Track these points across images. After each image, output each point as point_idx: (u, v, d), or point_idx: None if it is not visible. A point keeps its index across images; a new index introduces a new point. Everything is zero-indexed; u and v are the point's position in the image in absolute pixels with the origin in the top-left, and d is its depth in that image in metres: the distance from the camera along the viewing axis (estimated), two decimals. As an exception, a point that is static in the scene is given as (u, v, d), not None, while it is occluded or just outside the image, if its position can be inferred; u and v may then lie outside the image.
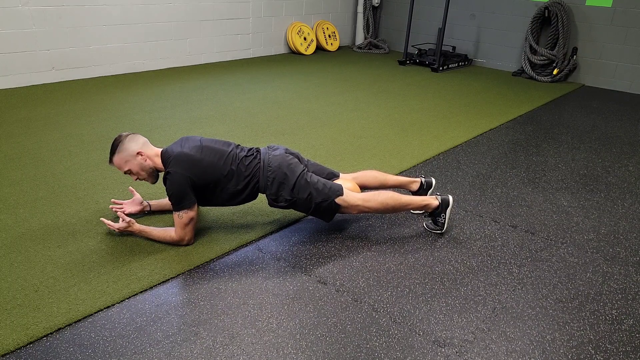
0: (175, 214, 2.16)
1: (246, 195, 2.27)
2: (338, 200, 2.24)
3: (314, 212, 2.29)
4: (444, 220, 2.40)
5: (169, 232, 2.22)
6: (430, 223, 2.48)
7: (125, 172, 2.23)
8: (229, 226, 2.43)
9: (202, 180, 2.17)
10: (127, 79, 5.07)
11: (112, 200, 2.47)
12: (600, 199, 2.95)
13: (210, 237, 2.32)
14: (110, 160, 2.23)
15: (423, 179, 2.65)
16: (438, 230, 2.45)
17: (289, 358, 1.65)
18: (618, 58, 5.75)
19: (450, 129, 4.05)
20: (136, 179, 2.25)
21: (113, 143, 2.21)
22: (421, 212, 2.54)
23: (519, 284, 2.10)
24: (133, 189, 2.47)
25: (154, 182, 2.30)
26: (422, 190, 2.64)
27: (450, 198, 2.39)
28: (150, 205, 2.49)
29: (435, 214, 2.43)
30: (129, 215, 2.39)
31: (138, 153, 2.20)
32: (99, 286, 1.94)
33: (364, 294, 1.98)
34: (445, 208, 2.39)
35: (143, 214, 2.48)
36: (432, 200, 2.40)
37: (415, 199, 2.39)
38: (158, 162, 2.23)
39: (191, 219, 2.17)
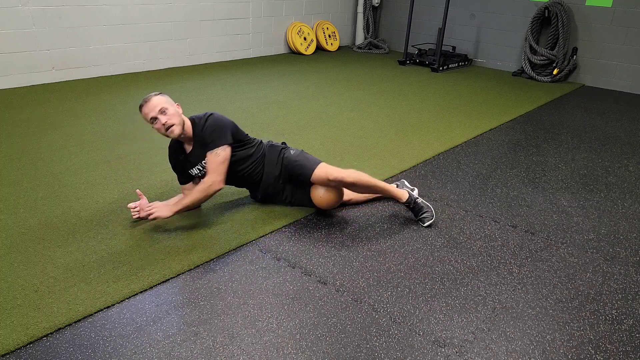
0: (212, 154, 2.23)
1: (251, 168, 2.46)
2: (319, 166, 2.40)
3: (294, 173, 2.46)
4: (422, 203, 2.52)
5: (197, 189, 2.27)
6: (416, 214, 2.55)
7: (155, 116, 2.22)
8: (229, 226, 2.43)
9: (236, 135, 2.37)
10: (127, 79, 5.07)
11: (130, 205, 2.38)
12: (600, 199, 2.95)
13: (210, 237, 2.32)
14: (149, 100, 2.24)
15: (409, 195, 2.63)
16: (427, 213, 2.51)
17: (289, 358, 1.65)
18: (618, 58, 5.75)
19: (450, 129, 4.05)
20: (164, 124, 2.22)
21: (151, 94, 2.30)
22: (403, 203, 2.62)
23: (519, 284, 2.10)
24: (141, 192, 2.39)
25: (178, 134, 2.26)
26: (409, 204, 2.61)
27: (415, 191, 2.65)
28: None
29: (410, 205, 2.54)
30: (137, 219, 2.39)
31: (177, 104, 2.34)
32: (99, 286, 1.94)
33: (364, 294, 1.98)
34: (415, 198, 2.53)
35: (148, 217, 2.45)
36: (403, 194, 2.54)
37: (390, 188, 2.52)
38: (187, 123, 2.33)
39: (226, 159, 2.23)
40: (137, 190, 2.41)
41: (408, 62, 6.67)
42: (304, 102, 4.60)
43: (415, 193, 2.64)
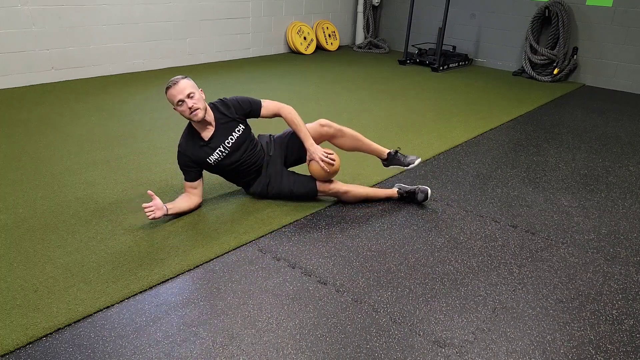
0: (265, 103, 2.54)
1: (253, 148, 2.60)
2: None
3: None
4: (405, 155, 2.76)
5: (291, 117, 2.55)
6: (402, 163, 2.75)
7: (182, 99, 2.29)
8: (229, 226, 2.42)
9: None
10: (127, 79, 5.07)
11: (144, 205, 2.35)
12: (601, 199, 2.94)
13: (210, 237, 2.32)
14: (177, 82, 2.30)
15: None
16: (411, 157, 2.72)
17: (289, 358, 1.64)
18: (618, 58, 5.74)
19: (450, 129, 4.05)
20: (190, 107, 2.30)
21: (178, 77, 2.35)
22: (384, 160, 2.82)
23: (519, 284, 2.10)
24: (152, 193, 2.32)
25: (201, 118, 2.35)
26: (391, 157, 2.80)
27: (418, 159, 2.77)
28: (167, 209, 2.38)
29: (393, 155, 2.74)
30: (153, 219, 2.35)
31: (200, 90, 2.43)
32: (99, 286, 1.94)
33: (364, 294, 1.98)
34: (397, 150, 2.76)
35: (163, 218, 2.41)
36: (385, 150, 2.77)
37: (372, 143, 2.74)
38: (208, 108, 2.45)
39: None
40: (149, 191, 2.32)
41: (408, 61, 6.67)
42: (304, 102, 4.59)
43: (417, 162, 2.75)
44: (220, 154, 2.47)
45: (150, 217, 2.30)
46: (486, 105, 4.86)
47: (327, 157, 2.50)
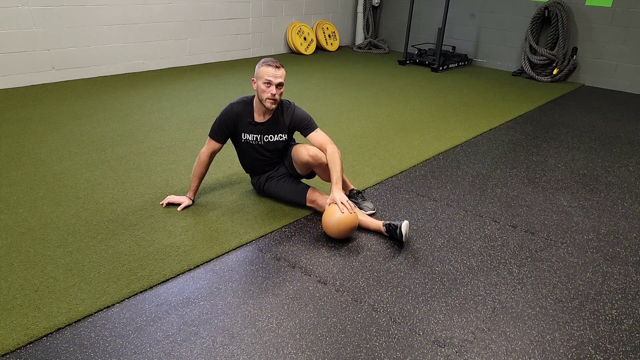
0: (316, 133, 2.49)
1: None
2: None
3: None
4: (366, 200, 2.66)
5: (332, 160, 2.39)
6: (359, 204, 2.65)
7: (271, 83, 2.35)
8: (229, 226, 2.43)
9: None
10: (127, 79, 5.07)
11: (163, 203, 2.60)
12: (600, 199, 2.95)
13: (210, 237, 2.32)
14: (280, 68, 2.39)
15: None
16: (368, 202, 2.64)
17: (289, 358, 1.65)
18: (618, 58, 5.75)
19: (450, 129, 4.05)
20: (273, 94, 2.36)
21: (280, 64, 2.42)
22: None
23: (518, 283, 2.10)
24: (164, 203, 2.60)
25: (272, 109, 2.44)
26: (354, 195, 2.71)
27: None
28: (189, 198, 2.62)
29: (354, 193, 2.68)
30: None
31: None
32: (99, 286, 1.94)
33: (364, 294, 1.99)
34: (361, 192, 2.71)
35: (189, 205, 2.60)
36: (349, 185, 2.70)
37: (344, 179, 2.62)
38: None
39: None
40: (163, 203, 2.59)
41: (408, 62, 6.67)
42: (304, 102, 4.58)
43: (369, 212, 2.62)
44: (254, 140, 2.55)
45: (179, 209, 2.57)
46: (486, 105, 4.86)
47: (347, 203, 2.31)
